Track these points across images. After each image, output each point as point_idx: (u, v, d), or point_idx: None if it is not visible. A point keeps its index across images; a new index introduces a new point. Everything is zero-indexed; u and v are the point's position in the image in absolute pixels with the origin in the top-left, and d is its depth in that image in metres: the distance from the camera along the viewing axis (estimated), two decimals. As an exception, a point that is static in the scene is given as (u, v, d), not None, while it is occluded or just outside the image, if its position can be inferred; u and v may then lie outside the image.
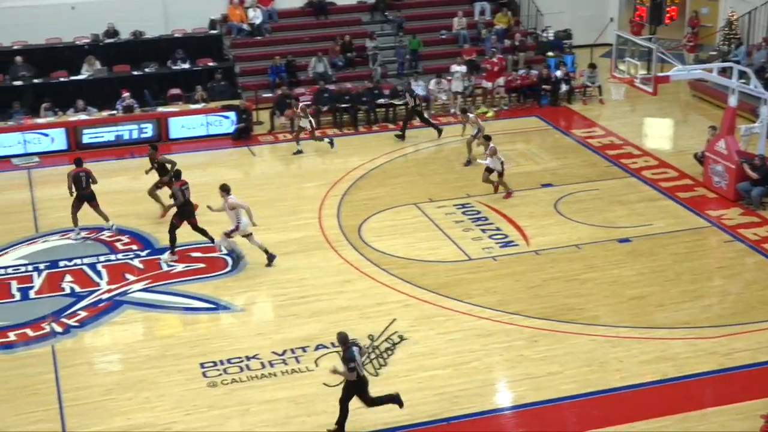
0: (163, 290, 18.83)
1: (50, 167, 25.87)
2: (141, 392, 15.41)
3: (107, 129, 27.29)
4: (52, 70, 29.54)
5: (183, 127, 27.79)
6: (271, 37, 32.69)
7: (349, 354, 13.77)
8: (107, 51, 30.54)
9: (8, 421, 14.71)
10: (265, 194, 23.47)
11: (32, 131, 26.73)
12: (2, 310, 18.24)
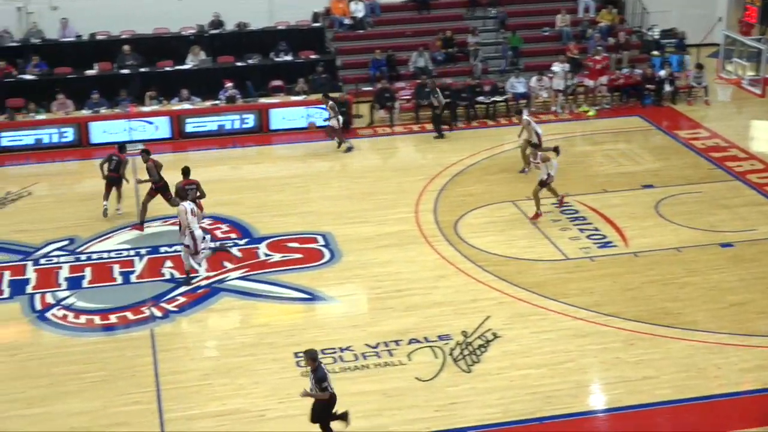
0: (260, 279, 19.04)
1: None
2: (236, 378, 15.62)
3: (210, 119, 27.72)
4: (158, 60, 30.11)
5: (284, 118, 28.07)
6: (372, 30, 32.80)
7: (321, 373, 13.32)
8: (212, 42, 31.01)
9: (108, 401, 15.06)
10: (363, 187, 23.58)
11: (137, 119, 27.31)
12: (104, 293, 18.68)
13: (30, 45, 30.14)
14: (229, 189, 23.66)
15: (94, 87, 28.09)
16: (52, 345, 16.94)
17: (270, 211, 22.19)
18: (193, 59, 30.13)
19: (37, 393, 15.32)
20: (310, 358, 13.40)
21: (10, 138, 26.57)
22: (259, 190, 23.64)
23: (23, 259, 20.01)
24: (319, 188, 23.61)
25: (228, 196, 23.13)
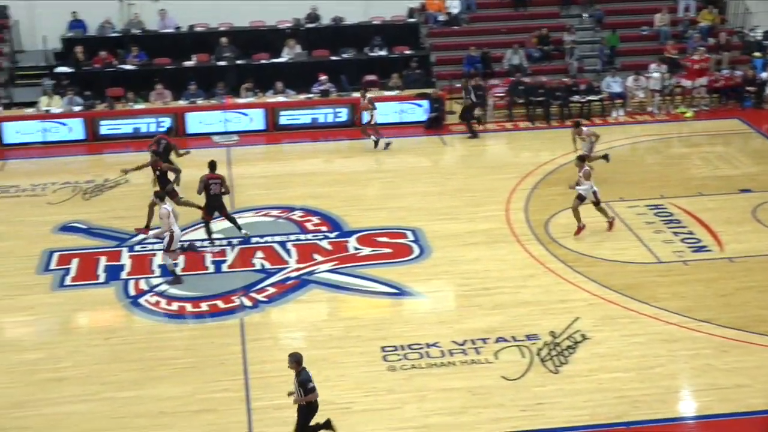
0: (349, 272, 19.13)
1: (248, 146, 26.74)
2: (322, 370, 15.69)
3: (303, 112, 27.96)
4: (254, 52, 30.47)
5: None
6: (467, 27, 32.70)
7: (305, 375, 13.17)
8: (308, 35, 31.27)
9: (197, 387, 15.29)
10: (454, 184, 23.53)
11: (233, 110, 27.67)
12: (196, 281, 18.96)
13: (130, 36, 30.76)
14: (320, 182, 23.84)
15: (191, 78, 28.56)
16: (145, 330, 17.27)
17: (360, 205, 22.29)
18: (288, 52, 30.42)
19: (128, 377, 15.63)
20: (294, 362, 13.26)
21: (110, 126, 27.15)
22: (350, 184, 23.76)
23: (119, 246, 20.43)
24: (410, 184, 23.63)
25: (319, 189, 23.30)
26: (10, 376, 15.73)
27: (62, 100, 27.41)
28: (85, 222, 21.48)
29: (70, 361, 16.15)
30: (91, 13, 31.01)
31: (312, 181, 23.85)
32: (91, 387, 15.40)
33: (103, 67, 29.48)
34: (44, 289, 18.67)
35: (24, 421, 14.54)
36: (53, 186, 23.57)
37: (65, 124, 27.07)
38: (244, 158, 25.77)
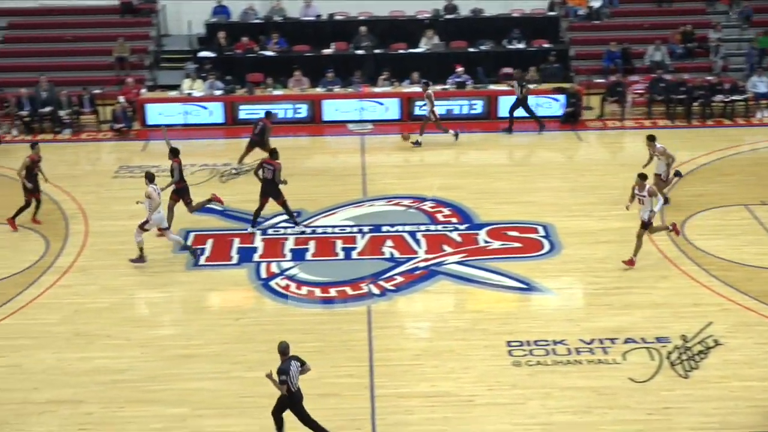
0: (478, 265, 19.04)
1: (382, 135, 26.89)
2: (447, 362, 15.70)
3: (439, 102, 27.85)
4: (392, 42, 30.59)
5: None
6: (609, 22, 32.15)
7: (283, 366, 13.22)
8: (446, 26, 31.22)
9: (322, 372, 15.45)
10: (588, 180, 23.18)
11: (369, 99, 27.85)
12: (326, 266, 19.17)
13: (272, 22, 31.25)
14: (453, 173, 23.82)
15: (329, 66, 28.87)
16: (274, 313, 17.56)
17: (492, 198, 22.16)
18: (426, 43, 30.44)
19: (256, 357, 15.90)
20: (279, 352, 13.39)
21: (248, 111, 27.64)
22: (483, 177, 23.65)
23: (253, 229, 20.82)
24: (543, 179, 23.38)
25: (451, 180, 23.28)
26: (143, 350, 16.21)
27: (204, 84, 28.05)
28: (220, 204, 21.92)
29: (201, 339, 16.56)
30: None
31: (444, 172, 23.84)
32: (220, 365, 15.75)
33: (244, 52, 30.06)
34: (179, 268, 19.17)
35: (155, 394, 14.97)
36: (192, 168, 24.12)
37: (206, 107, 27.71)
38: (378, 147, 25.93)
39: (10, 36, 31.65)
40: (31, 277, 18.82)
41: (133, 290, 18.44)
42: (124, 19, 32.20)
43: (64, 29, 31.69)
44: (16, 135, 26.99)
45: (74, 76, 29.56)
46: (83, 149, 26.22)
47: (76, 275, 18.94)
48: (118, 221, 21.15)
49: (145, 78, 29.91)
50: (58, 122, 27.18)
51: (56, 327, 17.01)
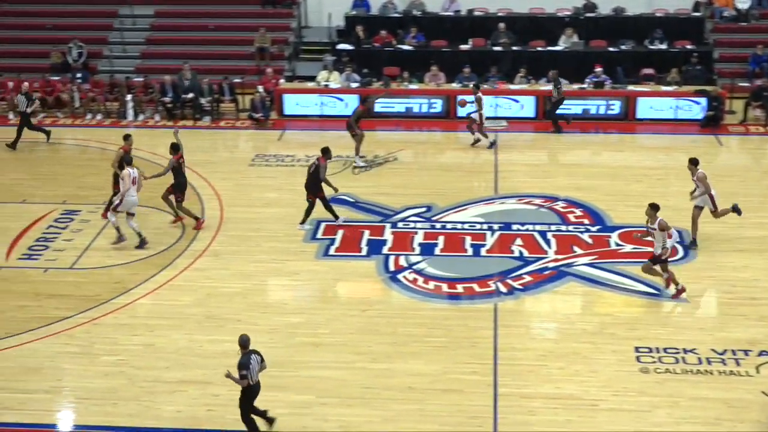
0: (609, 268, 18.74)
1: (516, 132, 26.71)
2: (573, 364, 15.52)
3: (574, 102, 27.57)
4: (530, 39, 30.33)
5: (651, 108, 27.42)
6: (757, 24, 31.17)
7: (243, 360, 13.23)
8: (586, 25, 30.80)
9: (447, 367, 15.47)
10: (726, 186, 22.45)
11: (505, 96, 27.68)
12: (455, 262, 19.16)
13: (411, 17, 31.36)
14: (586, 174, 23.50)
15: (466, 62, 28.81)
16: (400, 306, 17.64)
17: (625, 201, 21.76)
18: (565, 41, 30.09)
19: (381, 349, 16.02)
20: (240, 345, 13.43)
21: (384, 104, 27.79)
22: (617, 179, 23.26)
23: (382, 221, 20.94)
24: (680, 182, 22.79)
25: (584, 181, 22.97)
26: (272, 336, 16.50)
27: (340, 76, 28.34)
28: (352, 195, 22.16)
29: (328, 328, 16.76)
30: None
31: (578, 173, 23.55)
32: (346, 355, 15.91)
33: (382, 46, 30.25)
34: (309, 257, 19.42)
35: (281, 380, 15.21)
36: (326, 158, 24.46)
37: (342, 99, 27.99)
38: (511, 144, 25.76)
39: (156, 24, 32.58)
40: (167, 259, 19.36)
41: (264, 277, 18.78)
42: (265, 10, 32.77)
43: (207, 19, 32.46)
44: (158, 120, 27.78)
45: (216, 65, 30.27)
46: (221, 136, 26.81)
47: (210, 259, 19.40)
48: (252, 208, 21.58)
49: (284, 68, 30.39)
50: (198, 109, 27.85)
51: (189, 309, 17.47)
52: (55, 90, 28.36)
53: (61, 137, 26.41)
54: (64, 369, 15.72)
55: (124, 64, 30.95)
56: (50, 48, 30.60)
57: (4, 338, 16.57)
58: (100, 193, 21.93)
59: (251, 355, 13.52)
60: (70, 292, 18.14)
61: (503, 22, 30.46)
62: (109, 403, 14.76)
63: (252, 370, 13.43)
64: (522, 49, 30.05)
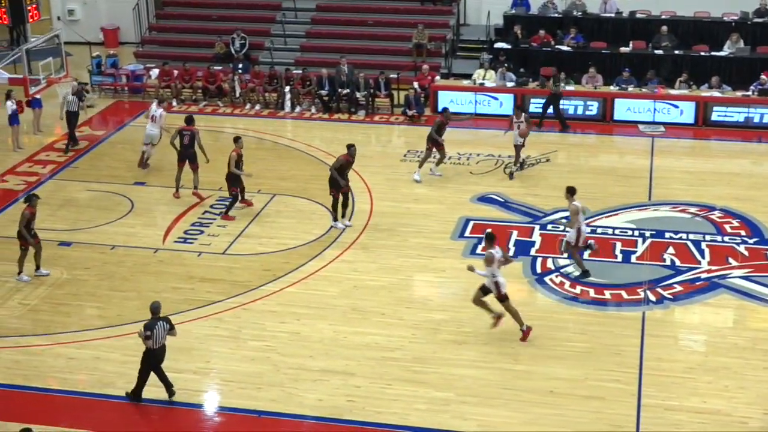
0: (765, 282, 18.11)
1: (674, 138, 26.07)
2: (721, 379, 15.08)
3: (738, 109, 26.72)
4: (694, 43, 29.52)
5: (814, 117, 26.41)
6: None
7: (149, 323, 14.37)
8: (753, 30, 29.76)
9: (588, 373, 15.27)
10: None
11: (663, 101, 27.04)
12: (603, 268, 18.84)
13: (571, 17, 30.96)
14: (746, 184, 22.76)
15: (625, 64, 28.28)
16: (545, 308, 17.47)
17: (786, 214, 21.02)
18: (730, 46, 29.15)
19: (524, 351, 15.92)
20: (150, 310, 14.55)
21: (539, 105, 27.47)
22: (779, 190, 22.49)
23: (531, 222, 20.77)
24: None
25: (743, 191, 22.25)
26: (415, 332, 16.59)
27: (496, 75, 28.22)
28: (502, 195, 22.05)
29: (471, 326, 16.73)
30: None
31: (737, 183, 22.82)
32: (488, 355, 15.87)
33: (540, 46, 29.97)
34: (456, 255, 19.43)
35: (422, 375, 15.29)
36: (477, 157, 24.39)
37: (496, 98, 27.86)
38: (668, 150, 25.15)
39: (317, 18, 33.13)
40: (316, 249, 19.68)
41: (411, 272, 18.89)
42: (425, 6, 32.91)
43: (367, 14, 32.81)
44: (314, 113, 28.24)
45: (373, 60, 30.56)
46: (375, 131, 27.07)
47: (358, 252, 19.62)
48: (402, 203, 21.73)
49: (440, 66, 30.45)
50: (354, 103, 28.18)
51: (335, 300, 17.72)
52: (217, 80, 29.14)
53: (221, 125, 27.13)
54: (212, 351, 16.18)
55: (284, 56, 31.58)
56: (214, 38, 31.49)
57: (157, 318, 17.17)
58: (255, 182, 22.44)
59: (159, 321, 14.52)
60: (222, 276, 18.65)
61: (666, 25, 29.73)
62: (254, 387, 15.12)
63: (156, 335, 14.42)
64: (684, 53, 29.28)
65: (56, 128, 26.58)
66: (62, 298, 17.72)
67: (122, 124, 27.64)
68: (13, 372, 15.65)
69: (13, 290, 17.98)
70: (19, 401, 15.03)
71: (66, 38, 28.89)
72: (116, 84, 30.14)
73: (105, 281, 18.40)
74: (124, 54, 32.67)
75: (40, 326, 17.04)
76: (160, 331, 14.51)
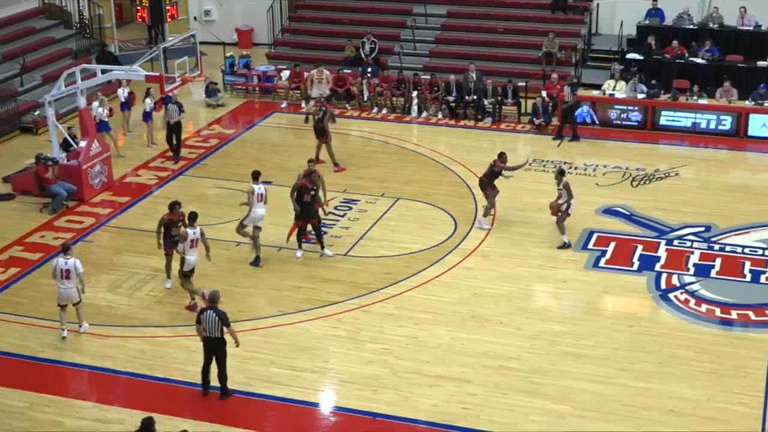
0: None
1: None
2: None
3: None
4: None
5: None
6: None
7: (200, 310, 14.79)
8: None
9: (712, 394, 14.90)
10: None
11: (802, 118, 26.23)
12: (730, 287, 18.36)
13: (706, 29, 30.26)
14: None
15: (762, 79, 27.48)
16: (669, 326, 17.10)
17: None
18: None
19: (644, 368, 15.63)
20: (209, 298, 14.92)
21: (669, 118, 26.98)
22: None
23: (657, 237, 20.36)
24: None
25: None
26: (533, 342, 16.46)
27: (627, 86, 27.76)
28: (628, 208, 21.69)
29: (591, 340, 16.51)
30: (671, 2, 30.99)
31: None
32: (607, 369, 15.63)
33: (673, 57, 29.36)
34: (578, 266, 19.19)
35: (539, 387, 15.15)
36: (604, 168, 24.04)
37: (627, 109, 27.41)
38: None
39: (447, 24, 33.15)
40: (437, 255, 19.69)
41: (531, 282, 18.74)
42: (555, 15, 32.61)
43: (497, 21, 32.68)
44: (441, 118, 28.25)
45: (501, 67, 30.41)
46: (500, 139, 26.90)
47: (479, 260, 19.56)
48: (525, 212, 21.58)
49: (570, 75, 30.13)
50: (480, 110, 28.09)
51: (454, 306, 17.70)
52: (346, 83, 29.43)
53: (348, 128, 27.39)
54: (331, 351, 16.35)
55: (412, 61, 31.68)
56: (345, 42, 31.82)
57: (278, 315, 17.45)
58: (380, 185, 22.60)
59: (208, 310, 14.71)
60: (343, 278, 18.82)
61: None
62: (370, 389, 15.21)
63: (205, 323, 14.67)
64: None
65: (188, 125, 27.25)
66: (187, 292, 18.14)
67: (252, 123, 28.16)
68: (139, 361, 16.11)
69: (142, 281, 18.49)
70: (142, 390, 15.45)
71: (201, 38, 29.56)
72: (247, 84, 30.75)
73: (228, 277, 18.77)
74: (257, 55, 33.26)
75: (165, 317, 17.50)
76: (208, 321, 14.65)
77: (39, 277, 18.95)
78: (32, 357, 16.32)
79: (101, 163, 22.98)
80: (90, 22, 32.60)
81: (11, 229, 21.05)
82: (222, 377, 14.99)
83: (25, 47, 30.04)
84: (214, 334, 14.73)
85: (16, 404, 15.01)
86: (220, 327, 14.70)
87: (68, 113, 27.04)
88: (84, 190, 22.40)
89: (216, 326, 14.69)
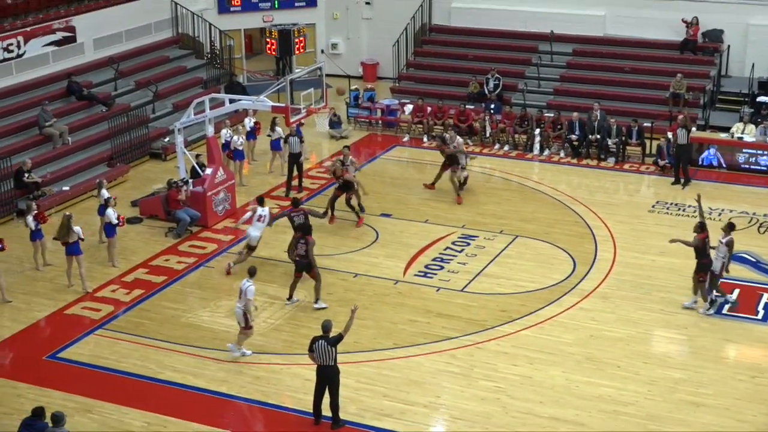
0: None
1: None
2: None
3: None
4: None
5: None
6: None
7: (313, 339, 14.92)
8: None
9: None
10: None
11: None
12: None
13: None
14: None
15: None
16: (794, 378, 16.57)
17: None
18: None
19: (765, 420, 15.12)
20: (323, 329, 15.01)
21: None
22: None
23: (785, 285, 19.79)
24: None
25: None
26: (650, 388, 16.11)
27: (756, 129, 27.09)
28: (754, 255, 21.11)
29: (711, 389, 16.09)
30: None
31: None
32: (727, 420, 15.20)
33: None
34: (700, 314, 18.71)
35: (655, 434, 14.84)
36: (730, 213, 23.44)
37: (756, 153, 26.73)
38: None
39: (572, 62, 32.91)
40: (554, 294, 19.49)
41: (651, 326, 18.37)
42: (683, 55, 32.07)
43: (623, 60, 32.30)
44: (563, 157, 28.02)
45: (626, 107, 30.02)
46: (624, 179, 26.53)
47: (597, 301, 19.27)
48: (647, 255, 21.19)
49: (697, 117, 29.56)
50: (604, 150, 27.76)
51: (570, 347, 17.47)
52: (468, 118, 29.45)
53: (469, 164, 27.36)
54: (443, 387, 16.30)
55: (536, 98, 31.53)
56: (469, 77, 31.88)
57: (393, 348, 17.49)
58: (499, 222, 22.54)
59: (319, 340, 14.83)
60: (459, 313, 18.77)
61: None
62: (481, 427, 15.12)
63: (318, 353, 14.82)
64: None
65: (311, 155, 27.66)
66: (303, 320, 18.35)
67: (374, 156, 28.41)
68: (254, 387, 16.33)
69: (259, 308, 18.80)
70: (256, 416, 15.65)
71: (328, 70, 30.03)
72: (371, 117, 31.07)
73: (345, 307, 18.87)
74: (381, 88, 33.60)
75: (280, 345, 17.71)
76: (321, 350, 14.77)
77: (161, 300, 19.44)
78: (152, 378, 16.71)
79: (225, 191, 23.50)
80: (221, 52, 33.45)
81: (137, 251, 21.66)
82: (334, 407, 15.08)
83: (158, 75, 31.02)
84: (327, 362, 14.84)
85: (136, 423, 15.38)
86: (333, 356, 14.82)
87: (196, 140, 27.74)
88: (208, 216, 22.93)
89: (329, 355, 14.80)
